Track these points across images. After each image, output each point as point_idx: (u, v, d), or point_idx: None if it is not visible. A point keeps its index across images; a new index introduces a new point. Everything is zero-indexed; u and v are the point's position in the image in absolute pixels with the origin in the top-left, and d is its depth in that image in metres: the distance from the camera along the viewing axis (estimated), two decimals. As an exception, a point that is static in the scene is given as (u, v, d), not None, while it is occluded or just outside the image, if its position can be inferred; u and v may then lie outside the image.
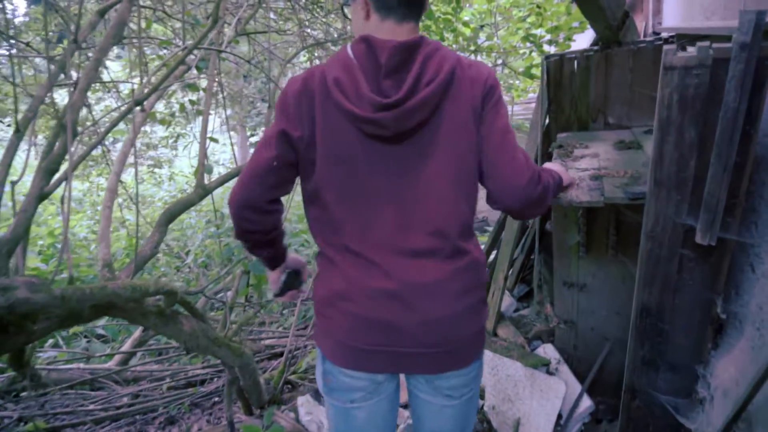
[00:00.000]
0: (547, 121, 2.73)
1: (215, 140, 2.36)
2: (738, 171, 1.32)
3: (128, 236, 6.07)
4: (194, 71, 2.33)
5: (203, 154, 2.08)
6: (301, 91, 1.13)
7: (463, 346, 1.23)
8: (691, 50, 1.24)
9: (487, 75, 1.19)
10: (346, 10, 1.28)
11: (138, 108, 2.12)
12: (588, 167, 1.95)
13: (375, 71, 1.10)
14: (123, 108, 1.73)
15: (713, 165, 1.31)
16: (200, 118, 2.79)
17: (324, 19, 4.19)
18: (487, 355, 2.55)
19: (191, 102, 2.41)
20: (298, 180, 1.26)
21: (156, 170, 6.62)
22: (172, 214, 1.97)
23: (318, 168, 1.15)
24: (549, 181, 1.28)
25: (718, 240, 1.40)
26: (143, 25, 2.89)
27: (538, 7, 3.44)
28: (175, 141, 5.85)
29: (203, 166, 2.08)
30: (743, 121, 1.24)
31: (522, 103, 8.02)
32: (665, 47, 1.26)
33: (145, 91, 1.81)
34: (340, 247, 1.19)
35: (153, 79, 2.20)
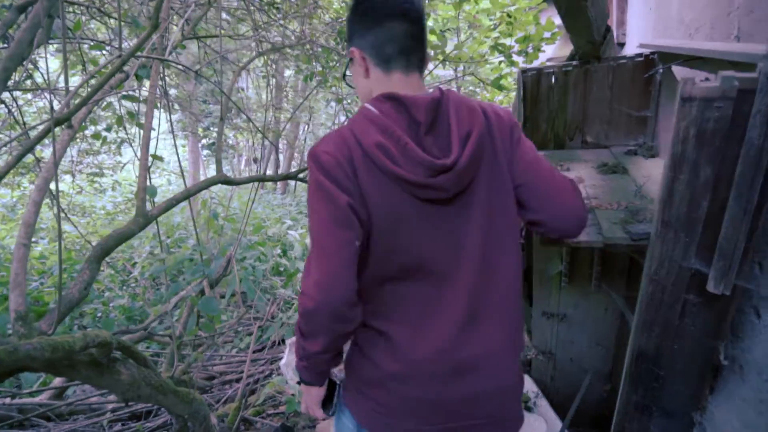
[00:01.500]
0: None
1: (159, 158, 2.07)
2: (756, 213, 1.18)
3: (66, 250, 5.57)
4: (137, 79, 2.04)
5: (144, 176, 1.80)
6: (342, 158, 0.99)
7: (516, 415, 1.18)
8: (713, 80, 1.09)
9: (507, 115, 1.14)
10: (349, 76, 1.13)
11: (61, 127, 1.81)
12: (575, 195, 1.79)
13: (414, 130, 1.02)
14: (41, 126, 1.43)
15: (731, 208, 1.16)
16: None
17: (282, 22, 3.92)
18: (462, 390, 2.37)
19: (129, 115, 2.10)
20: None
21: (98, 179, 6.08)
22: (106, 248, 1.66)
23: (373, 239, 1.03)
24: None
25: (727, 286, 1.27)
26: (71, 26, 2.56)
27: (509, 15, 3.30)
28: (118, 147, 5.39)
29: (144, 191, 1.79)
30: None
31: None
32: (682, 77, 1.11)
33: (72, 104, 1.51)
34: (396, 321, 1.08)
35: (82, 91, 1.90)
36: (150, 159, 1.96)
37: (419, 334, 1.06)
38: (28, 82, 3.36)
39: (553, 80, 2.38)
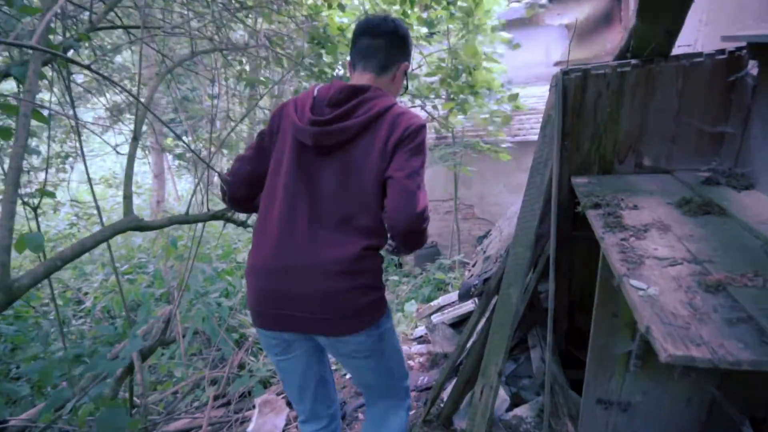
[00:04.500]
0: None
1: (50, 195, 1.41)
2: None
3: None
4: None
5: (8, 227, 1.13)
6: (278, 109, 1.61)
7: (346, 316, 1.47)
8: None
9: (409, 123, 1.45)
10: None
11: None
12: (676, 257, 1.18)
13: (322, 102, 1.49)
14: None
15: None
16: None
17: (234, 17, 3.27)
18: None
19: (2, 135, 1.41)
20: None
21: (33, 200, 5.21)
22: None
23: (270, 162, 1.58)
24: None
25: None
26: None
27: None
28: (63, 162, 4.57)
29: (7, 251, 1.13)
30: None
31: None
32: None
33: None
34: (259, 225, 1.55)
35: None
36: (33, 197, 1.29)
37: (265, 234, 1.50)
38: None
39: (604, 85, 1.78)
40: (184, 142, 2.24)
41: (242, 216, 2.72)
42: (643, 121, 1.83)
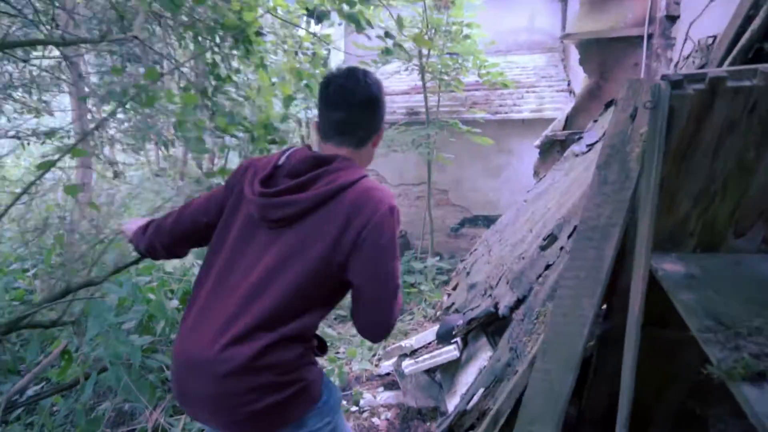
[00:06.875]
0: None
1: None
2: None
3: None
4: None
5: None
6: (246, 165, 1.38)
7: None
8: None
9: (376, 208, 1.21)
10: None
11: None
12: None
13: (281, 170, 1.29)
14: None
15: None
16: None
17: None
18: None
19: None
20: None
21: None
22: None
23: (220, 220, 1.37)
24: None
25: None
26: None
27: None
28: None
29: None
30: None
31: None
32: None
33: None
34: (192, 297, 1.32)
35: None
36: None
37: (186, 318, 1.29)
38: None
39: (745, 107, 0.96)
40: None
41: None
42: (798, 170, 1.03)
